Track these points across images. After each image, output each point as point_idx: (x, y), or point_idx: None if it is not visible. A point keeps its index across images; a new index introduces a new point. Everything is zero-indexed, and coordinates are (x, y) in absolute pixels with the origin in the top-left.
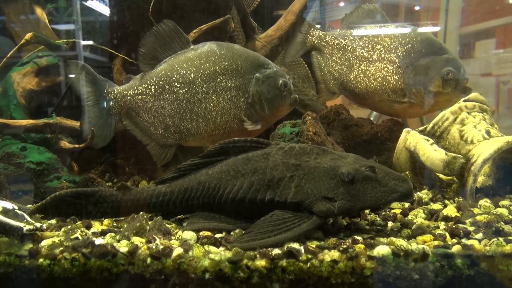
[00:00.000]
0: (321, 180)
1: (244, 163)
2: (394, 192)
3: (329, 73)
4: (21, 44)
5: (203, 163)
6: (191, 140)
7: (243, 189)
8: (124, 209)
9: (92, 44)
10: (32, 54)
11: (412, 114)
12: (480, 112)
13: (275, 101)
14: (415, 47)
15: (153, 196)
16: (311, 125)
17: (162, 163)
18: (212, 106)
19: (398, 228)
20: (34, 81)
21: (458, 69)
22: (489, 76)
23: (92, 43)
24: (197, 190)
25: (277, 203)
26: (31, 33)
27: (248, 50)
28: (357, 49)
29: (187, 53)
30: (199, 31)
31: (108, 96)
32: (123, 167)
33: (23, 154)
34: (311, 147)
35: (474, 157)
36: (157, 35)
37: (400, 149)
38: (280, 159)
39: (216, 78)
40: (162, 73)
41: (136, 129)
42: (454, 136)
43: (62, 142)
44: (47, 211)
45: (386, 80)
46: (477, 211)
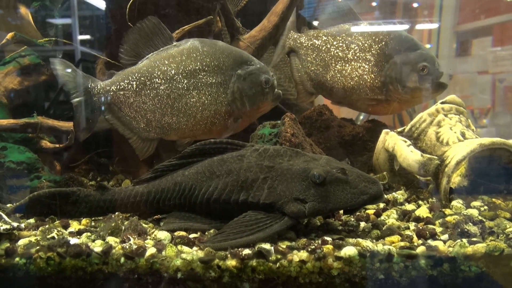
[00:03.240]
0: (293, 181)
1: (219, 164)
2: (364, 194)
3: (306, 74)
4: (2, 43)
5: (180, 164)
6: (172, 134)
7: (217, 190)
8: (102, 209)
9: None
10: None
11: (391, 110)
12: (456, 114)
13: (257, 97)
14: (389, 44)
15: (130, 196)
16: (289, 127)
17: (145, 156)
18: (193, 102)
19: (369, 229)
20: (17, 80)
21: (433, 64)
22: (485, 74)
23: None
24: (174, 191)
25: (250, 204)
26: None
27: (231, 47)
28: (331, 49)
29: (170, 49)
30: (181, 31)
31: (91, 91)
32: (107, 166)
33: (4, 153)
34: (284, 149)
35: (448, 158)
36: (140, 31)
37: (379, 149)
38: (254, 160)
39: (197, 74)
40: (144, 69)
41: (119, 123)
42: (431, 137)
43: (43, 142)
44: (26, 210)
45: (363, 78)
46: (448, 211)
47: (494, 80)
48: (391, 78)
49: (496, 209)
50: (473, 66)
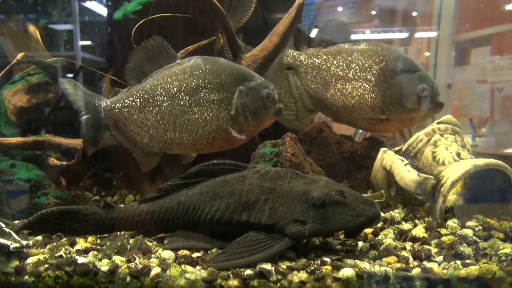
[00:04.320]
0: (293, 203)
1: (222, 185)
2: (362, 216)
3: (305, 92)
4: (12, 64)
5: (184, 184)
6: (175, 149)
7: (220, 210)
8: (107, 226)
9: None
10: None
11: (390, 129)
12: (452, 134)
13: (259, 112)
14: (389, 65)
15: (136, 214)
16: (289, 146)
17: (147, 169)
18: (195, 118)
19: (367, 249)
20: (25, 98)
21: (432, 86)
22: (484, 83)
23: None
24: (177, 210)
25: (252, 224)
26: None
27: (233, 64)
28: (332, 68)
29: (173, 67)
30: (185, 52)
31: (98, 108)
32: (111, 180)
33: (13, 171)
34: (285, 171)
35: (444, 178)
36: (145, 50)
37: (377, 167)
38: (256, 182)
39: (199, 91)
40: (147, 87)
41: (123, 138)
42: (427, 157)
43: (50, 159)
44: (34, 228)
45: (363, 98)
46: (444, 231)
47: (493, 89)
48: (391, 98)
49: (490, 230)
50: (472, 75)
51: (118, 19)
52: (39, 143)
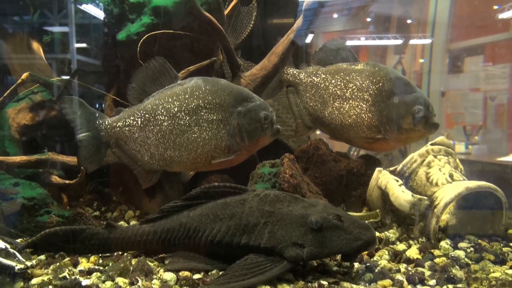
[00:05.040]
0: (292, 227)
1: (223, 208)
2: (358, 240)
3: (304, 109)
4: (18, 83)
5: (185, 205)
6: (175, 167)
7: (221, 232)
8: (109, 246)
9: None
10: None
11: (386, 148)
12: (445, 156)
13: (256, 132)
14: (386, 86)
15: (137, 235)
16: (288, 167)
17: (148, 186)
18: (194, 137)
19: (363, 271)
20: (29, 116)
21: (427, 107)
22: (477, 91)
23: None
24: (179, 231)
25: (251, 247)
26: (27, 73)
27: (232, 85)
28: (330, 87)
29: (174, 88)
30: (186, 72)
31: (99, 127)
32: (111, 196)
33: (16, 189)
34: (284, 195)
35: (438, 199)
36: (147, 70)
37: (372, 186)
38: (256, 205)
39: (199, 111)
40: (148, 107)
41: (124, 156)
42: (421, 177)
43: (53, 177)
44: (37, 247)
45: (360, 117)
46: (437, 252)
47: (486, 97)
48: (388, 118)
49: (482, 251)
50: (465, 83)
51: (121, 40)
52: (42, 161)
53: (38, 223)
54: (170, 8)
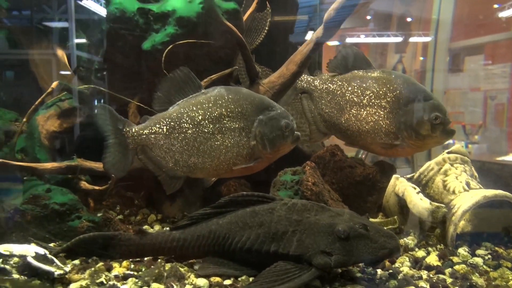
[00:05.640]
0: (319, 235)
1: (252, 216)
2: (384, 249)
3: (319, 115)
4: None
5: (214, 213)
6: (198, 173)
7: (250, 240)
8: (141, 252)
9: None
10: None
11: (402, 154)
12: (461, 164)
13: (277, 140)
14: (403, 93)
15: (167, 241)
16: (310, 175)
17: (171, 191)
18: (217, 144)
19: (387, 278)
20: (57, 123)
21: (444, 114)
22: (477, 90)
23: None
24: (208, 238)
25: (280, 254)
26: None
27: (254, 94)
28: (346, 94)
29: (198, 96)
30: (209, 80)
31: (126, 134)
32: (133, 199)
33: (48, 195)
34: (311, 204)
35: (455, 207)
36: (172, 80)
37: (389, 193)
38: (284, 214)
39: (222, 119)
40: (174, 115)
41: (150, 162)
42: (438, 185)
43: (82, 183)
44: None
45: (378, 124)
46: (456, 259)
47: (486, 97)
48: (405, 125)
49: (499, 259)
50: (465, 82)
51: (147, 49)
52: (72, 167)
53: (69, 228)
54: (193, 19)
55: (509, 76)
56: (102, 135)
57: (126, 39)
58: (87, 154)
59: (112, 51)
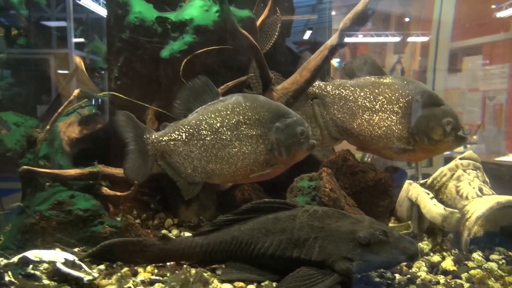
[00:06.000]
0: (341, 242)
1: (274, 222)
2: (403, 254)
3: (331, 121)
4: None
5: (236, 219)
6: (215, 179)
7: (273, 246)
8: (164, 257)
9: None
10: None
11: (414, 158)
12: (474, 170)
13: (293, 147)
14: (416, 98)
15: (191, 247)
16: (327, 182)
17: (189, 197)
18: (235, 151)
19: (405, 283)
20: (77, 129)
21: (456, 119)
22: (475, 91)
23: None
24: (231, 244)
25: (303, 260)
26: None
27: (270, 101)
28: (359, 99)
29: (216, 104)
30: (225, 87)
31: (146, 140)
32: (148, 204)
33: (72, 201)
34: (332, 211)
35: (469, 213)
36: (191, 88)
37: (402, 198)
38: (306, 221)
39: (239, 127)
40: (193, 122)
41: (169, 168)
42: (451, 191)
43: (103, 189)
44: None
45: (390, 129)
46: (471, 264)
47: (484, 97)
48: (418, 130)
49: None
50: (463, 82)
51: (165, 58)
52: (94, 174)
53: (93, 233)
54: (210, 27)
55: (507, 76)
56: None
57: (145, 48)
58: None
59: (131, 59)
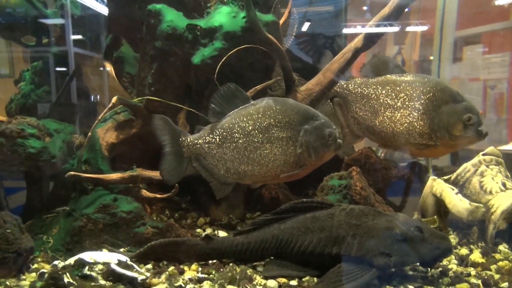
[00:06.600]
0: (378, 238)
1: (313, 221)
2: (438, 249)
3: (352, 118)
4: (109, 107)
5: (275, 218)
6: (247, 180)
7: (312, 244)
8: (207, 255)
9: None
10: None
11: (435, 154)
12: (496, 165)
13: (321, 149)
14: (436, 95)
15: (232, 245)
16: (357, 180)
17: (221, 196)
18: (266, 153)
19: (438, 275)
20: (114, 135)
21: (477, 115)
22: (476, 80)
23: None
24: (271, 242)
25: (342, 256)
26: (116, 97)
27: (300, 104)
28: (381, 97)
29: (248, 108)
30: (254, 91)
31: (182, 143)
32: (180, 203)
33: (116, 204)
34: (368, 209)
35: (494, 207)
36: (223, 94)
37: (426, 194)
38: (343, 219)
39: (270, 129)
40: (226, 126)
41: (203, 170)
42: (475, 186)
43: (143, 191)
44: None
45: (412, 125)
46: (498, 256)
47: (485, 86)
48: (439, 126)
49: None
50: (463, 72)
51: (197, 64)
52: (134, 177)
53: (136, 234)
54: (238, 33)
55: (508, 65)
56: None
57: (176, 55)
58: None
59: (163, 66)
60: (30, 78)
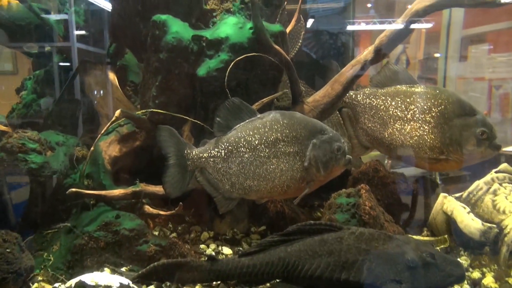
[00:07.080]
0: (389, 264)
1: (321, 244)
2: (451, 276)
3: (361, 130)
4: (113, 120)
5: (282, 240)
6: (252, 195)
7: (320, 268)
8: (212, 277)
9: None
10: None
11: (447, 168)
12: (510, 183)
13: (330, 163)
14: (448, 108)
15: (237, 267)
16: (366, 199)
17: (225, 211)
18: (272, 168)
19: None
20: (117, 148)
21: (490, 129)
22: (482, 80)
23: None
24: (277, 265)
25: (351, 282)
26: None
27: (307, 118)
28: (390, 109)
29: (254, 121)
30: (260, 103)
31: (186, 156)
32: (183, 217)
33: (118, 221)
34: (378, 233)
35: (508, 228)
36: (228, 108)
37: (437, 211)
38: (353, 243)
39: (277, 144)
40: (231, 139)
41: (207, 184)
42: (488, 205)
43: (146, 207)
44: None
45: (422, 138)
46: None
47: (491, 86)
48: (451, 140)
49: None
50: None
51: (202, 76)
52: (136, 193)
53: (138, 252)
54: (245, 44)
55: None
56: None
57: (182, 66)
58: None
59: (168, 78)
60: (32, 87)
